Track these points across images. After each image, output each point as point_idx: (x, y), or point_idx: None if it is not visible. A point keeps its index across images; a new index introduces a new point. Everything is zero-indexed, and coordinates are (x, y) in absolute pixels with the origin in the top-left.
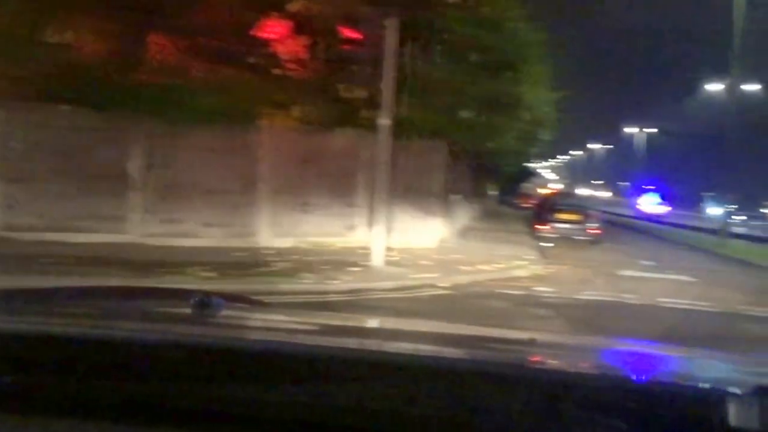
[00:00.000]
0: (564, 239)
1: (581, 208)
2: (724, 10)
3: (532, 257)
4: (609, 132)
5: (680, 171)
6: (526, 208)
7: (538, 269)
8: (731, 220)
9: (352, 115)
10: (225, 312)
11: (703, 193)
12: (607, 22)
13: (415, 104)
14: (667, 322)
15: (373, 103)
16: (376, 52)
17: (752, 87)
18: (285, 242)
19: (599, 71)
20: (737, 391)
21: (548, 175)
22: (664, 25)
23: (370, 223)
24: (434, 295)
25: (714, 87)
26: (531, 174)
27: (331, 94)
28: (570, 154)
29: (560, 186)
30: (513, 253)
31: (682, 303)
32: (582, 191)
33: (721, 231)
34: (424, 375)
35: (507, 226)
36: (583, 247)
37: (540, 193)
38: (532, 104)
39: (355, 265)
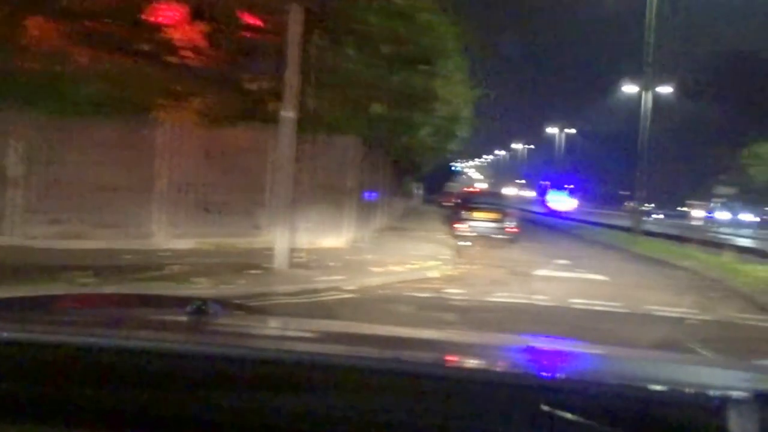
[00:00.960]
0: (482, 238)
1: (499, 206)
2: (642, 16)
3: (448, 257)
4: (531, 132)
5: (600, 170)
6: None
7: (452, 270)
8: (649, 218)
9: (258, 109)
10: (222, 319)
11: (620, 192)
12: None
13: (325, 97)
14: (576, 324)
15: (280, 95)
16: (281, 41)
17: (666, 90)
18: (185, 244)
19: (523, 73)
20: (737, 396)
21: (475, 175)
22: (585, 29)
23: (280, 223)
24: (338, 300)
25: (630, 89)
26: (456, 173)
27: (234, 86)
28: (495, 154)
29: (485, 185)
30: (428, 253)
31: (594, 304)
32: (508, 190)
33: (633, 229)
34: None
35: (428, 225)
36: (501, 246)
37: (459, 192)
38: (448, 99)
39: (257, 267)
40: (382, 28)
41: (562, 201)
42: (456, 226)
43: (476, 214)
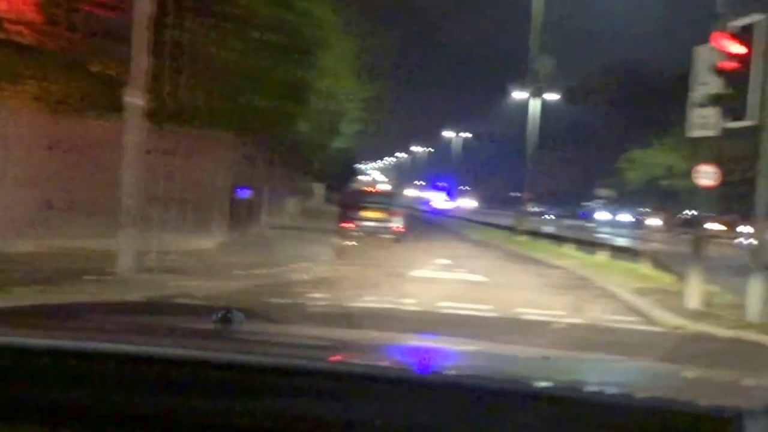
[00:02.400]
0: (368, 237)
1: (386, 206)
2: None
3: (326, 257)
4: (430, 135)
5: (496, 173)
6: None
7: (326, 271)
8: (540, 219)
9: (110, 96)
10: (247, 327)
11: (512, 194)
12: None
13: (190, 86)
14: (438, 331)
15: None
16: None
17: (553, 96)
18: (21, 246)
19: (421, 76)
20: (750, 408)
21: (378, 176)
22: (480, 35)
23: (126, 224)
24: None
25: (520, 95)
26: (360, 173)
27: (80, 69)
28: (396, 156)
29: (389, 186)
30: (306, 254)
31: (463, 307)
32: (409, 191)
33: (515, 229)
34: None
35: (321, 225)
36: (386, 246)
37: (348, 191)
38: (332, 93)
39: (99, 273)
40: (254, 12)
41: (444, 201)
42: (343, 225)
43: (363, 213)
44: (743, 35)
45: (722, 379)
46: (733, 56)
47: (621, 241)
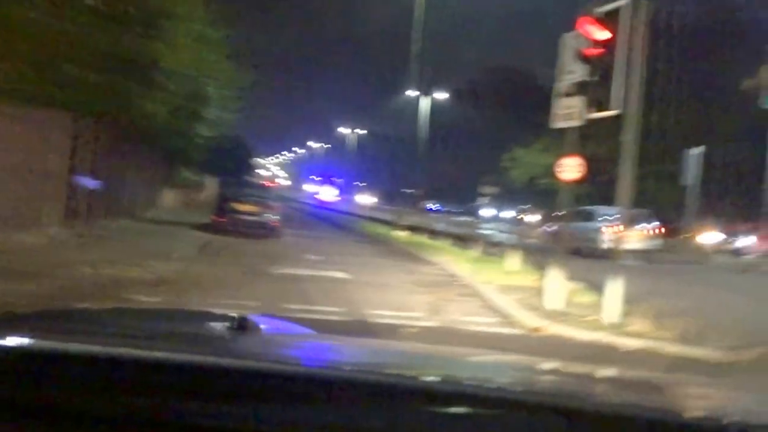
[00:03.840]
0: (241, 231)
1: (261, 199)
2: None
3: (185, 254)
4: (327, 131)
5: (391, 169)
6: None
7: (177, 269)
8: (437, 215)
9: None
10: (263, 334)
11: (405, 190)
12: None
13: None
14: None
15: None
16: None
17: (442, 95)
18: None
19: (319, 74)
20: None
21: (278, 171)
22: (375, 33)
23: None
24: None
25: (411, 93)
26: (255, 167)
27: None
28: (294, 151)
29: (288, 182)
30: (163, 250)
31: (310, 310)
32: (307, 186)
33: (396, 224)
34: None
35: (196, 218)
36: (259, 240)
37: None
38: (185, 73)
39: None
40: None
41: (334, 195)
42: (215, 218)
43: (237, 207)
44: (609, 20)
45: (736, 392)
46: (597, 42)
47: (498, 237)
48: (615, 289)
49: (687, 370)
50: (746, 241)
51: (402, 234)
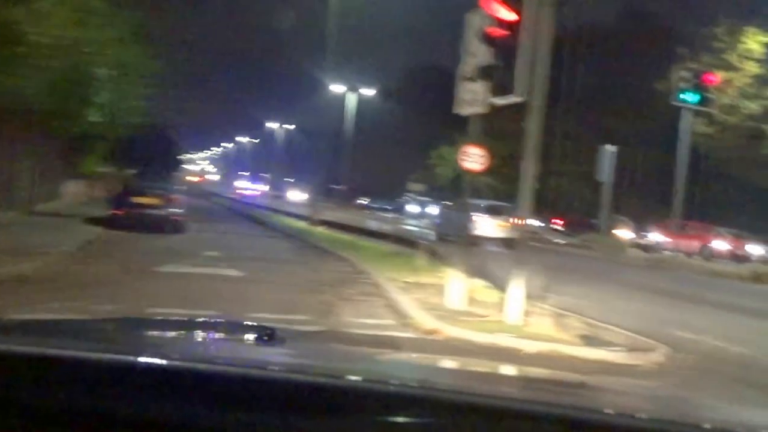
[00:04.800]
0: (141, 225)
1: (163, 191)
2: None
3: (70, 249)
4: (255, 126)
5: (320, 165)
6: None
7: (50, 267)
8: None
9: None
10: (289, 345)
11: (332, 186)
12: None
13: None
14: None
15: None
16: None
17: (369, 92)
18: None
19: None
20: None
21: (207, 167)
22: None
23: None
24: None
25: (337, 89)
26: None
27: None
28: (222, 146)
29: (218, 177)
30: (47, 244)
31: (179, 313)
32: (238, 182)
33: (311, 219)
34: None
35: (97, 212)
36: (158, 235)
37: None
38: (58, 46)
39: None
40: None
41: (253, 188)
42: (114, 211)
43: (137, 199)
44: (514, 0)
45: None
46: (502, 23)
47: (419, 233)
48: (517, 288)
49: (592, 373)
50: (655, 238)
51: (320, 229)
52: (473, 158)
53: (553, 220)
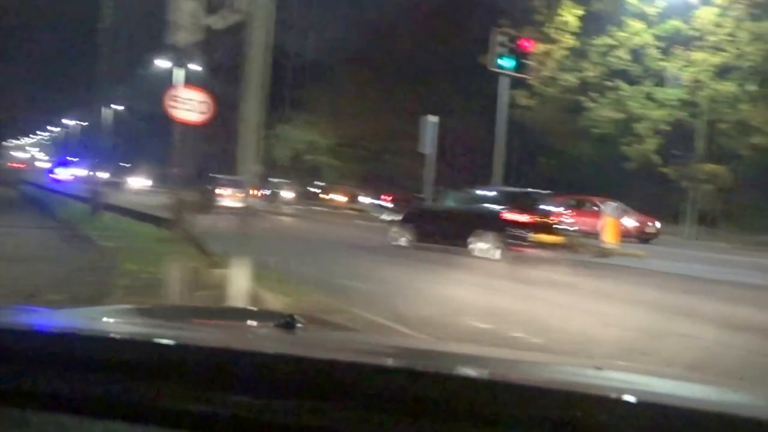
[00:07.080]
0: None
1: None
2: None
3: None
4: (85, 109)
5: (153, 148)
6: None
7: None
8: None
9: None
10: (309, 333)
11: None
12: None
13: None
14: None
15: None
16: None
17: (196, 68)
18: None
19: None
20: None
21: (37, 153)
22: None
23: None
24: None
25: (163, 64)
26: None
27: None
28: (49, 130)
29: (47, 163)
30: None
31: None
32: (57, 168)
33: (92, 203)
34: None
35: None
36: None
37: None
38: None
39: None
40: None
41: (64, 174)
42: None
43: None
44: None
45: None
46: None
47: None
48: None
49: None
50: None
51: (109, 217)
52: (188, 105)
53: (382, 197)
